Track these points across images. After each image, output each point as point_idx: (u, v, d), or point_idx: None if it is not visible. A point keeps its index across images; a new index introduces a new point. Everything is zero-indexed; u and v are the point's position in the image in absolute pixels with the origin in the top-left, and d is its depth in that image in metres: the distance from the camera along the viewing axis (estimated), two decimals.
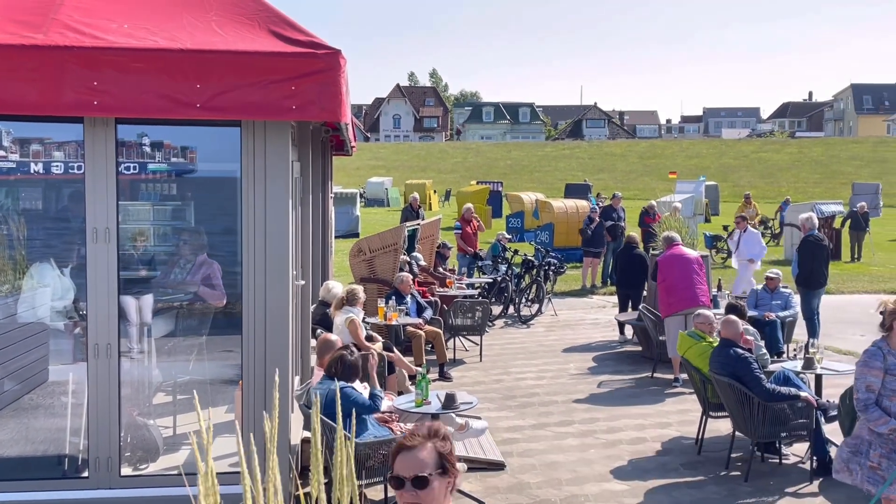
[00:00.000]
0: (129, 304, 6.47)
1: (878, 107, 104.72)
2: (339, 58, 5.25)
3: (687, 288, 10.40)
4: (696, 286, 10.40)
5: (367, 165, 68.23)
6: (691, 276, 10.44)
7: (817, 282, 11.88)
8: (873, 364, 5.17)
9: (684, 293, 10.37)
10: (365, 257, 11.66)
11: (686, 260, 10.58)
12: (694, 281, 10.42)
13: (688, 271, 10.51)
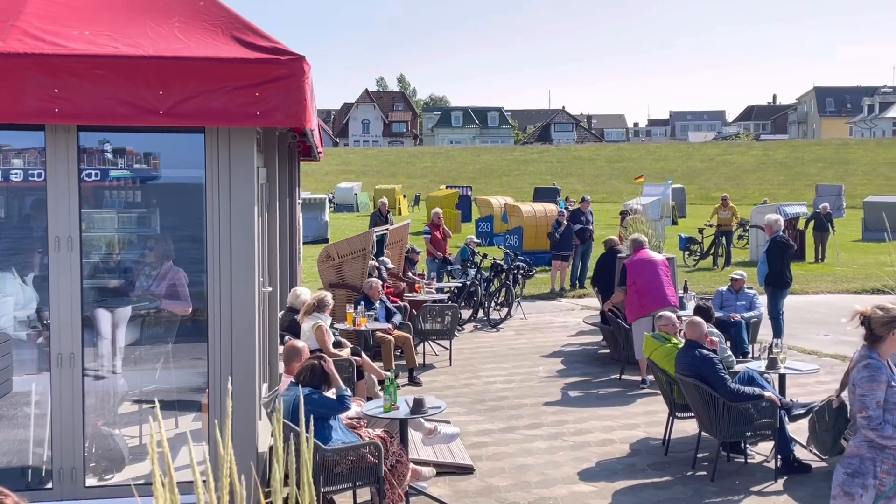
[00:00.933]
0: (102, 318, 6.42)
1: (841, 109, 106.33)
2: (304, 63, 5.25)
3: (656, 290, 10.50)
4: (665, 288, 10.50)
5: (336, 171, 68.02)
6: (659, 278, 10.54)
7: (784, 282, 12.06)
8: (880, 378, 4.89)
9: (652, 296, 10.47)
10: (333, 263, 11.63)
11: (653, 263, 10.69)
12: (662, 283, 10.53)
13: (655, 274, 10.61)
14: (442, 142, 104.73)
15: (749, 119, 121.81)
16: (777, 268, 11.94)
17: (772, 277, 11.96)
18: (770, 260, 11.92)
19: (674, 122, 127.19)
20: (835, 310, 14.95)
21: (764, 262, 12.04)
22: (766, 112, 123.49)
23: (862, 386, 4.93)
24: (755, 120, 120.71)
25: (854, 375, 5.00)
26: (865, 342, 5.07)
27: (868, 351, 5.04)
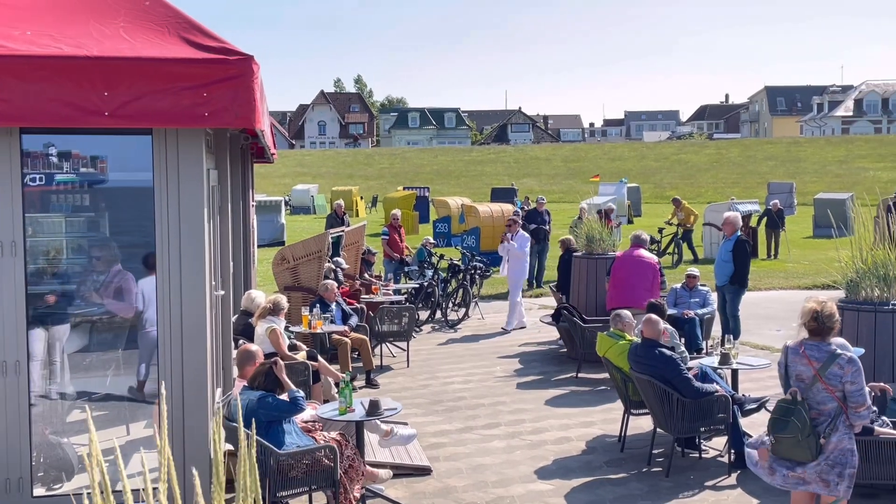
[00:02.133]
0: (38, 338, 6.28)
1: (792, 108, 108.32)
2: (252, 63, 5.19)
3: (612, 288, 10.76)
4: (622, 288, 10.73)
5: (292, 173, 67.53)
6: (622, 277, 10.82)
7: (747, 281, 12.22)
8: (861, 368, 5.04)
9: (610, 293, 10.74)
10: (288, 265, 11.53)
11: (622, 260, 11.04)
12: (622, 282, 10.78)
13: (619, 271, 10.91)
14: (399, 143, 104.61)
15: (702, 118, 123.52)
16: (745, 267, 12.08)
17: (738, 276, 12.05)
18: (736, 259, 11.98)
19: (629, 122, 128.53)
20: (786, 305, 15.17)
21: (729, 260, 11.99)
22: (718, 112, 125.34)
23: (857, 381, 5.04)
24: (708, 119, 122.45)
25: (835, 372, 5.02)
26: (816, 335, 5.14)
27: (824, 344, 5.12)
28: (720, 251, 12.27)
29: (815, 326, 5.18)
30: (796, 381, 5.20)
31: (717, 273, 12.22)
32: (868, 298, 7.36)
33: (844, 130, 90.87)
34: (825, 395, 5.05)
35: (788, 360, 5.26)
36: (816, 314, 5.16)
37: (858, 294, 7.44)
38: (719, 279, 12.14)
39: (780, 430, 5.13)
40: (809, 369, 5.12)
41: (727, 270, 11.94)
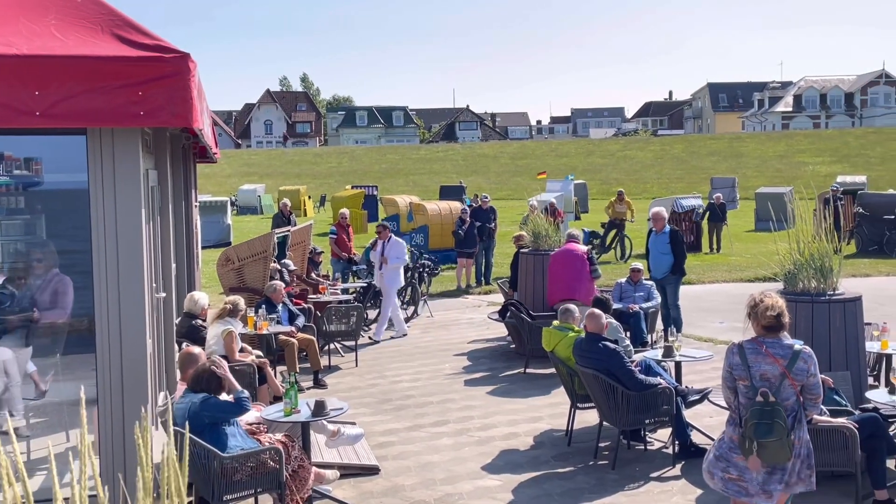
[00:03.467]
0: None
1: (733, 104, 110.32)
2: (189, 61, 5.11)
3: (550, 284, 10.86)
4: (556, 283, 10.83)
5: (238, 172, 66.80)
6: (556, 272, 10.86)
7: (684, 271, 12.45)
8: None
9: (551, 288, 10.80)
10: (233, 266, 11.39)
11: (556, 255, 11.05)
12: (556, 277, 10.85)
13: (553, 266, 10.94)
14: (347, 142, 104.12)
15: (647, 115, 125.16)
16: (684, 256, 12.30)
17: (678, 266, 12.25)
18: (675, 249, 12.19)
19: (575, 120, 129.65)
20: (729, 298, 15.45)
21: (668, 252, 12.18)
22: (662, 108, 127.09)
23: (816, 373, 5.03)
24: (653, 116, 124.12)
25: (801, 367, 4.99)
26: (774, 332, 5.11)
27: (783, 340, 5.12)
28: (656, 245, 12.39)
29: (774, 323, 5.12)
30: (761, 381, 5.01)
31: (654, 267, 12.40)
32: (806, 290, 7.51)
33: (785, 126, 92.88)
34: (790, 391, 4.99)
35: (749, 360, 5.07)
36: (780, 311, 5.12)
37: (796, 286, 7.58)
38: (658, 272, 12.32)
39: (766, 435, 4.89)
40: (776, 367, 4.99)
41: (667, 262, 12.19)
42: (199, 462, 5.52)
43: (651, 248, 12.55)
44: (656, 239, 12.41)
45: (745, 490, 5.08)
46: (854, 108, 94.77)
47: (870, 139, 68.69)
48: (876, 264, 20.77)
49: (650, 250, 12.56)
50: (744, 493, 5.11)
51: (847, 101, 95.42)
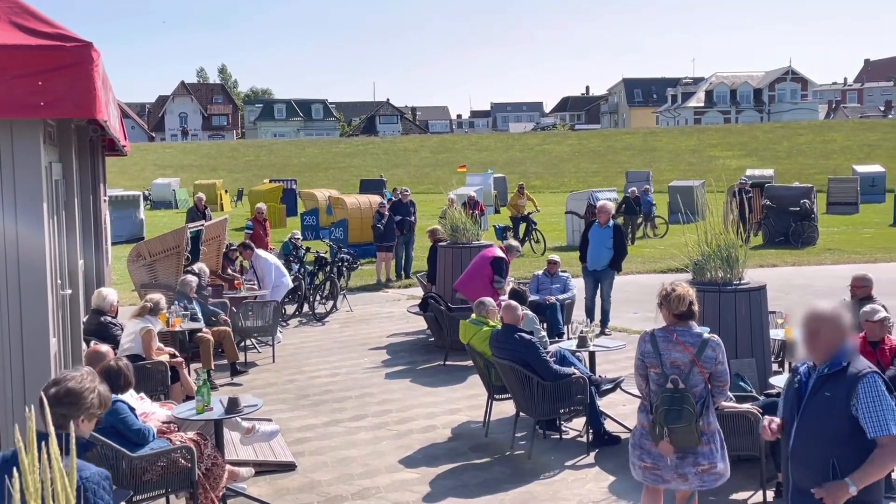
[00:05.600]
0: None
1: (648, 100, 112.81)
2: (91, 51, 4.95)
3: (463, 277, 11.06)
4: (465, 279, 11.07)
5: (152, 166, 65.19)
6: (468, 269, 11.07)
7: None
8: None
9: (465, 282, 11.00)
10: (145, 262, 11.11)
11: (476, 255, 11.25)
12: (469, 270, 11.09)
13: (471, 263, 11.09)
14: (265, 135, 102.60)
15: (564, 110, 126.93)
16: (625, 251, 12.49)
17: (617, 261, 12.43)
18: (618, 245, 12.35)
19: (495, 114, 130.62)
20: (643, 289, 15.77)
21: (611, 247, 12.30)
22: (580, 103, 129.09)
23: (724, 361, 5.18)
24: (570, 111, 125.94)
25: (709, 354, 5.12)
26: (684, 320, 5.24)
27: (692, 329, 5.24)
28: (598, 238, 12.33)
29: (685, 311, 5.26)
30: (672, 368, 5.13)
31: (592, 259, 12.38)
32: (713, 280, 7.73)
33: (697, 120, 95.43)
34: (699, 378, 5.13)
35: (660, 348, 5.19)
36: (690, 300, 5.27)
37: (704, 276, 7.80)
38: (596, 264, 12.37)
39: (675, 420, 5.04)
40: (686, 355, 5.13)
41: (607, 256, 12.30)
42: (105, 463, 5.37)
43: (592, 239, 12.42)
44: (600, 232, 12.33)
45: (660, 477, 5.23)
46: (762, 104, 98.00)
47: (777, 134, 71.12)
48: (782, 255, 21.53)
49: (590, 242, 12.43)
50: (660, 481, 5.26)
51: (756, 96, 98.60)
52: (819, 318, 4.06)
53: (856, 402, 3.90)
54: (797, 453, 4.10)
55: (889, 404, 3.90)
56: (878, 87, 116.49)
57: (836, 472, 3.92)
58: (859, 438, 3.91)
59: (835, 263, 19.94)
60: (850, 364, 4.00)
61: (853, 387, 3.92)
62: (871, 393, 3.90)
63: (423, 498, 6.71)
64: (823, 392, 4.01)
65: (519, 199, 23.97)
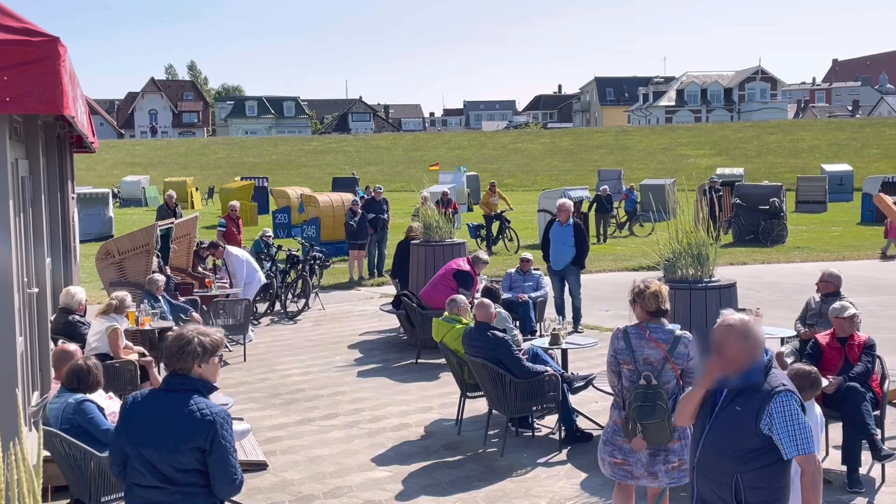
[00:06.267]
0: None
1: (620, 98, 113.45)
2: (58, 45, 4.88)
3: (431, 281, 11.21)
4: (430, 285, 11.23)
5: (122, 163, 64.48)
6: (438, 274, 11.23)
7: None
8: None
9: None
10: (114, 260, 10.99)
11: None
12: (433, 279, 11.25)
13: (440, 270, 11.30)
14: (236, 132, 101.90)
15: (537, 108, 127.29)
16: (588, 248, 12.52)
17: (580, 258, 12.46)
18: (580, 242, 12.37)
19: (468, 112, 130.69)
20: (614, 286, 15.88)
21: (572, 245, 12.30)
22: (552, 102, 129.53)
23: (695, 357, 5.12)
24: (543, 109, 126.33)
25: (682, 351, 5.15)
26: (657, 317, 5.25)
27: (664, 325, 5.26)
28: (560, 237, 12.37)
29: (657, 308, 5.29)
30: (644, 365, 5.17)
31: (555, 258, 12.42)
32: (684, 277, 7.78)
33: (668, 119, 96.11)
34: (671, 374, 5.16)
35: (633, 345, 5.21)
36: (663, 297, 5.28)
37: (675, 273, 7.85)
38: (560, 263, 12.40)
39: (648, 416, 5.07)
40: (659, 351, 5.16)
41: (570, 254, 12.32)
42: (73, 463, 5.30)
43: (553, 238, 12.46)
44: (561, 231, 12.36)
45: (630, 473, 5.26)
46: (732, 103, 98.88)
47: (747, 133, 71.78)
48: (752, 252, 21.76)
49: (552, 241, 12.46)
50: (629, 477, 5.28)
51: (726, 95, 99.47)
52: (725, 329, 3.91)
53: (769, 421, 3.77)
54: (703, 466, 3.97)
55: (803, 423, 3.78)
56: (846, 86, 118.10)
57: (740, 488, 3.81)
58: (766, 456, 3.79)
59: (804, 261, 20.18)
60: (763, 380, 3.86)
61: (765, 403, 3.78)
62: (786, 412, 3.76)
63: (395, 496, 6.70)
64: (734, 406, 3.86)
65: (491, 198, 23.99)
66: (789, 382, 3.91)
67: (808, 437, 3.79)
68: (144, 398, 3.83)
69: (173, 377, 3.75)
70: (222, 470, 3.66)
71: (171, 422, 3.65)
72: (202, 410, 3.66)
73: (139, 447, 3.68)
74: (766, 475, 3.82)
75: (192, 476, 3.67)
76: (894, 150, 59.67)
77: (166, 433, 3.64)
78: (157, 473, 3.66)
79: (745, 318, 3.96)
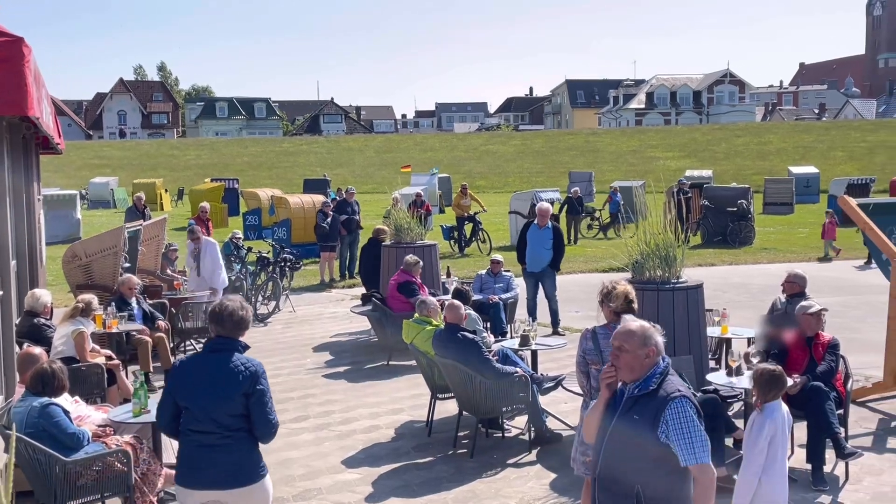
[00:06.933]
0: None
1: (590, 101, 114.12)
2: (23, 46, 4.83)
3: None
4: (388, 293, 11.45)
5: (90, 165, 63.78)
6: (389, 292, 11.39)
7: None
8: None
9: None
10: (81, 262, 10.85)
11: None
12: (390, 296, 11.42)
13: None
14: (207, 133, 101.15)
15: (509, 111, 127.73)
16: (562, 254, 12.58)
17: (557, 261, 12.51)
18: (558, 246, 12.41)
19: (440, 114, 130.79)
20: (585, 288, 15.95)
21: (551, 248, 12.31)
22: (523, 104, 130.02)
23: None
24: (514, 111, 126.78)
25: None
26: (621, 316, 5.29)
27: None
28: (537, 240, 12.32)
29: (625, 308, 5.32)
30: None
31: (532, 260, 12.39)
32: (651, 278, 7.84)
33: (638, 122, 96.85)
34: None
35: (601, 345, 5.24)
36: (631, 297, 5.32)
37: (643, 275, 7.91)
38: (537, 266, 12.38)
39: None
40: None
41: (548, 257, 12.35)
42: (38, 468, 5.25)
43: (531, 241, 12.39)
44: (539, 233, 12.31)
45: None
46: (701, 106, 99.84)
47: (715, 135, 72.53)
48: (720, 254, 21.97)
49: (529, 243, 12.40)
50: None
51: (695, 98, 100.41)
52: (622, 335, 3.84)
53: (665, 428, 3.65)
54: (603, 476, 3.85)
55: (698, 431, 3.65)
56: (813, 90, 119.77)
57: (641, 500, 3.69)
58: (666, 465, 3.67)
59: (770, 262, 20.42)
60: (660, 386, 3.74)
61: (660, 410, 3.67)
62: (680, 418, 3.64)
63: (365, 498, 6.69)
64: (632, 414, 3.75)
65: (462, 199, 24.04)
66: (685, 388, 3.80)
67: (703, 445, 3.66)
68: (191, 360, 4.57)
69: (219, 339, 4.46)
70: (261, 411, 4.36)
71: (222, 376, 4.35)
72: (245, 364, 4.40)
73: (197, 399, 4.35)
74: (668, 485, 3.69)
75: (240, 421, 4.36)
76: (860, 153, 60.63)
77: (219, 385, 4.33)
78: (212, 420, 4.33)
79: (644, 325, 3.89)
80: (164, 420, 4.52)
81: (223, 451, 4.34)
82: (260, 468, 4.50)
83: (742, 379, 6.89)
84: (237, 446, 4.37)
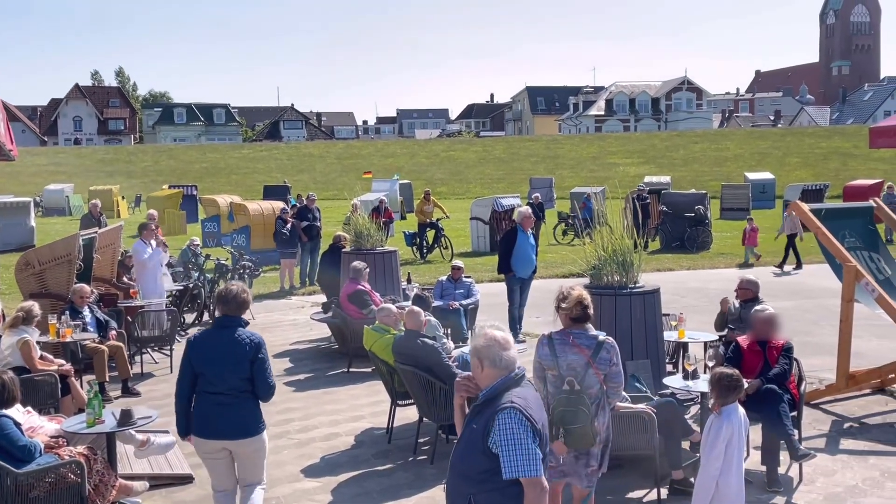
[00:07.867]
0: None
1: (551, 108, 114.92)
2: None
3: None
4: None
5: (45, 172, 62.62)
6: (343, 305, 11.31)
7: None
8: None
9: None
10: (34, 271, 10.65)
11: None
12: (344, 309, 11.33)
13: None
14: (165, 140, 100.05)
15: (470, 117, 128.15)
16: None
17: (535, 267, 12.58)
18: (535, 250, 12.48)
19: (401, 120, 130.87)
20: (544, 293, 15.94)
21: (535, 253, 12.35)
22: (484, 110, 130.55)
23: (618, 362, 5.27)
24: (475, 118, 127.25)
25: (604, 356, 5.23)
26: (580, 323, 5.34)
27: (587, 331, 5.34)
28: (526, 246, 12.12)
29: (580, 314, 5.37)
30: (568, 370, 5.23)
31: (523, 266, 12.19)
32: (609, 284, 7.91)
33: (598, 128, 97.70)
34: (594, 379, 5.24)
35: (557, 351, 5.28)
36: (586, 303, 5.36)
37: (601, 280, 7.98)
38: (527, 271, 12.25)
39: (572, 421, 5.09)
40: (581, 357, 5.23)
41: (534, 262, 12.38)
42: None
43: (521, 246, 12.10)
44: (528, 239, 12.13)
45: (563, 472, 5.36)
46: (660, 113, 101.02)
47: (674, 142, 73.39)
48: (678, 259, 22.22)
49: (520, 249, 12.10)
50: (562, 475, 5.37)
51: (654, 105, 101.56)
52: (487, 342, 3.81)
53: (495, 438, 3.57)
54: (448, 487, 3.80)
55: (522, 442, 3.54)
56: (769, 97, 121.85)
57: None
58: (498, 477, 3.57)
59: (727, 267, 20.71)
60: (497, 396, 3.68)
61: (491, 421, 3.60)
62: (505, 429, 3.55)
63: None
64: (472, 424, 3.70)
65: (425, 206, 24.04)
66: (519, 400, 3.66)
67: (529, 458, 3.54)
68: (204, 335, 5.53)
69: (226, 318, 5.48)
70: (262, 376, 5.42)
71: (232, 347, 5.36)
72: (249, 336, 5.44)
73: (213, 366, 5.34)
74: (499, 497, 3.61)
75: (247, 384, 5.39)
76: (814, 159, 61.76)
77: (230, 355, 5.34)
78: (225, 384, 5.34)
79: (506, 335, 3.86)
80: (185, 386, 5.43)
81: (233, 408, 5.33)
82: (260, 423, 5.56)
83: (698, 382, 6.97)
84: (244, 404, 5.38)
